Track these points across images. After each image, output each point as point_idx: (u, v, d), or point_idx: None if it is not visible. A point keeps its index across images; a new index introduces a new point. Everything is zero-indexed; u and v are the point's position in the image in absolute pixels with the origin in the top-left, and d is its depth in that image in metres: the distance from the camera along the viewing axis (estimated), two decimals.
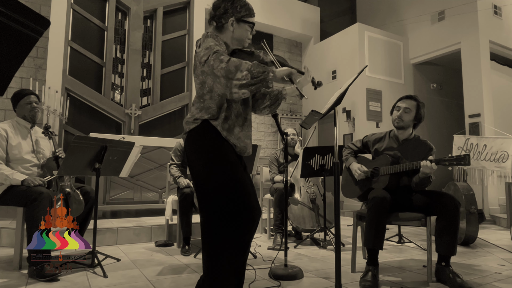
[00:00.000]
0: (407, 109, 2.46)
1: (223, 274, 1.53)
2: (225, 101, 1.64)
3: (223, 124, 1.63)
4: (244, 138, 1.72)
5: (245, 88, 1.50)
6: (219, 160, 1.59)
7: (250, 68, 1.48)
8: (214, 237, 1.54)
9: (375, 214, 2.23)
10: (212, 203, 1.56)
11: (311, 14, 8.07)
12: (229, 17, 1.72)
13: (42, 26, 0.89)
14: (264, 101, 1.92)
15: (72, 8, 5.27)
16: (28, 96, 2.73)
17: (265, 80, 1.51)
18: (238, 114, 1.70)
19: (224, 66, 1.49)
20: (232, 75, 1.48)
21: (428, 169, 2.17)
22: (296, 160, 3.75)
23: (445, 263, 2.19)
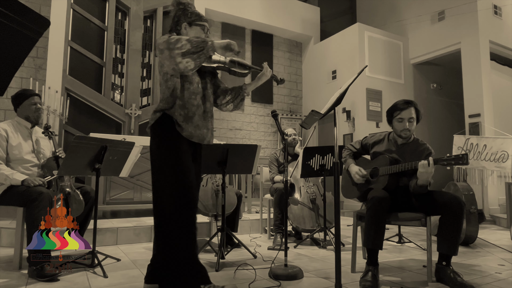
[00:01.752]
0: (411, 119, 2.42)
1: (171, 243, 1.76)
2: (178, 90, 1.85)
3: (179, 110, 1.84)
4: (203, 128, 1.93)
5: (187, 56, 1.70)
6: (169, 155, 1.81)
7: (189, 39, 1.71)
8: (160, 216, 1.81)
9: (374, 214, 2.23)
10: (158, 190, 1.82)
11: (311, 14, 8.07)
12: (182, 23, 1.96)
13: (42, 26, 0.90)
14: (226, 97, 2.13)
15: (72, 8, 5.27)
16: (33, 97, 2.74)
17: (205, 48, 1.71)
18: (198, 105, 1.91)
19: (167, 39, 1.74)
20: (173, 45, 1.71)
21: (422, 167, 2.16)
22: (296, 160, 3.75)
23: (446, 263, 2.19)
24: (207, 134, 1.97)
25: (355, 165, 2.58)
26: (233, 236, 3.21)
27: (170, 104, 1.85)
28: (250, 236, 3.89)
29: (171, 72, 1.83)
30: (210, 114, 2.01)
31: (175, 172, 1.79)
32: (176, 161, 1.81)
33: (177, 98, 1.86)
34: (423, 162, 2.18)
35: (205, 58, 1.74)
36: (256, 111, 7.62)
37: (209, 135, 1.99)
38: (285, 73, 8.08)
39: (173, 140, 1.84)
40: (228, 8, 6.97)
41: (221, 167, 2.78)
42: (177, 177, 1.79)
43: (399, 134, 2.48)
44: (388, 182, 2.39)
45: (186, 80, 1.89)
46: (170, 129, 1.84)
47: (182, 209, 1.77)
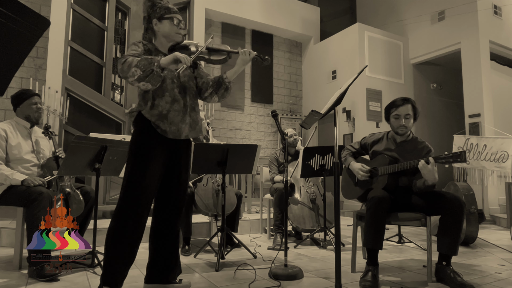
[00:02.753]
0: (407, 116, 2.43)
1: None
2: (149, 91, 1.87)
3: (151, 110, 1.86)
4: (179, 123, 1.91)
5: (141, 80, 1.74)
6: (135, 154, 1.86)
7: (137, 64, 1.72)
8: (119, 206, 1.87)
9: (374, 214, 2.23)
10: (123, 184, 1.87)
11: (311, 14, 8.07)
12: (152, 19, 1.96)
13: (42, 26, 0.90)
14: (208, 89, 2.07)
15: (72, 8, 5.27)
16: (33, 97, 2.74)
17: (154, 70, 1.74)
18: (174, 101, 1.90)
19: (120, 68, 1.76)
20: (125, 73, 1.74)
21: (423, 169, 2.16)
22: (296, 159, 3.75)
23: (446, 263, 2.19)
24: (184, 128, 1.94)
25: (356, 163, 2.58)
26: (233, 236, 3.21)
27: (142, 106, 1.89)
28: (250, 236, 3.89)
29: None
30: (191, 108, 1.99)
31: (134, 172, 1.83)
32: (139, 162, 1.84)
33: (149, 100, 1.87)
34: (422, 163, 2.17)
35: (158, 76, 1.76)
36: (256, 111, 7.62)
37: (187, 129, 1.96)
38: (285, 73, 8.08)
39: (144, 140, 1.87)
40: (228, 8, 6.97)
41: (221, 167, 2.78)
42: (134, 177, 1.82)
43: (395, 131, 2.49)
44: (387, 181, 2.39)
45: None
46: (145, 128, 1.87)
47: (129, 210, 1.81)
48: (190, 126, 1.97)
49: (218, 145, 2.82)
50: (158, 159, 1.89)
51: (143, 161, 1.84)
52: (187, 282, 2.06)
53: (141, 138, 1.88)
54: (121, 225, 1.81)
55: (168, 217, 2.01)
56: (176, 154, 1.98)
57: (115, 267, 1.81)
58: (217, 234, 2.98)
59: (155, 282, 2.01)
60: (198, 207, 3.08)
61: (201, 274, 2.41)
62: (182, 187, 2.03)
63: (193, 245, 3.24)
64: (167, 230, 2.01)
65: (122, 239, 1.81)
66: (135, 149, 1.87)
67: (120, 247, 1.81)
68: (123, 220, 1.82)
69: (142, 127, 1.88)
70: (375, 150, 2.58)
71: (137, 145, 1.87)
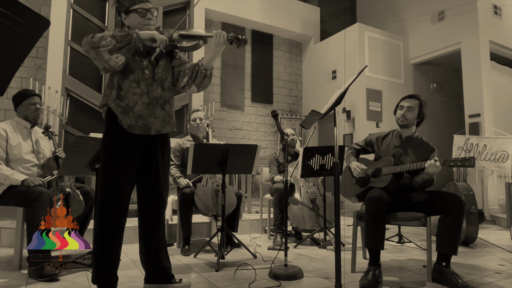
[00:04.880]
0: (410, 108, 2.50)
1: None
2: (115, 80, 1.81)
3: (118, 101, 1.78)
4: (148, 116, 1.81)
5: (115, 52, 1.67)
6: (105, 155, 1.80)
7: (113, 34, 1.67)
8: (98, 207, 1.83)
9: (372, 214, 2.23)
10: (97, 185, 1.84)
11: (311, 14, 8.07)
12: (121, 14, 1.90)
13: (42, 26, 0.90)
14: (183, 78, 1.94)
15: (72, 8, 5.26)
16: (33, 97, 2.74)
17: (131, 41, 1.69)
18: (142, 93, 1.81)
19: (89, 39, 1.71)
20: (97, 43, 1.68)
21: (433, 167, 2.18)
22: (296, 159, 3.75)
23: (445, 263, 2.19)
24: (154, 123, 1.84)
25: (355, 162, 2.62)
26: (233, 236, 3.21)
27: (108, 96, 1.81)
28: (250, 236, 3.89)
29: (103, 71, 1.79)
30: (163, 101, 1.88)
31: (106, 174, 1.78)
32: (108, 164, 1.78)
33: (113, 89, 1.80)
34: (431, 162, 2.19)
35: (133, 50, 1.71)
36: (256, 111, 7.62)
37: (158, 124, 1.85)
38: (285, 73, 8.08)
39: (114, 138, 1.79)
40: (228, 8, 6.97)
41: (221, 167, 2.77)
42: (106, 179, 1.78)
43: (397, 122, 2.56)
44: (389, 182, 2.39)
45: (126, 68, 1.81)
46: (112, 124, 1.79)
47: (104, 212, 1.78)
48: (163, 120, 1.87)
49: (218, 145, 2.82)
50: (130, 158, 1.81)
51: (114, 161, 1.78)
52: (187, 282, 2.05)
53: (111, 136, 1.81)
54: (100, 226, 1.78)
55: (149, 217, 1.95)
56: (150, 152, 1.89)
57: (101, 266, 1.80)
58: (217, 234, 2.98)
59: (154, 282, 2.00)
60: (198, 208, 3.08)
61: (201, 274, 2.41)
62: (161, 186, 1.94)
63: (193, 245, 3.24)
64: (150, 230, 1.95)
65: (102, 239, 1.79)
66: (106, 149, 1.80)
67: (102, 247, 1.79)
68: (100, 221, 1.78)
69: (112, 123, 1.80)
70: (381, 146, 2.62)
71: (107, 144, 1.81)
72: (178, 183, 3.22)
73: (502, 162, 4.82)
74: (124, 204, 1.83)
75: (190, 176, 3.27)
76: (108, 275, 1.81)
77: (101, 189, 1.80)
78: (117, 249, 1.85)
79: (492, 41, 6.33)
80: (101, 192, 1.80)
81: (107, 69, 1.76)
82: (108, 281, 1.81)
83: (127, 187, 1.83)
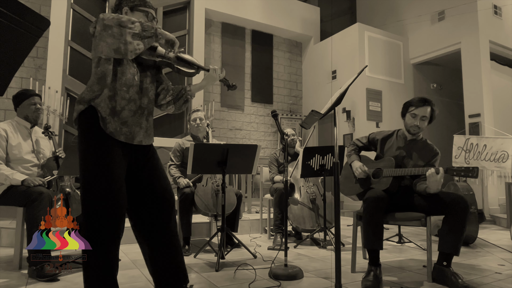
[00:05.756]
0: (424, 117, 2.43)
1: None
2: (109, 79, 1.66)
3: (106, 101, 1.64)
4: (133, 125, 1.70)
5: (138, 38, 1.61)
6: (97, 159, 1.61)
7: (140, 21, 1.64)
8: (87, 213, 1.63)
9: (371, 214, 2.23)
10: (86, 193, 1.61)
11: (311, 14, 8.07)
12: (123, 6, 1.80)
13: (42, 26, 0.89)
14: (166, 96, 1.90)
15: (72, 8, 5.27)
16: (33, 97, 2.74)
17: (155, 33, 1.65)
18: (130, 100, 1.69)
19: (116, 16, 1.61)
20: (125, 23, 1.59)
21: (432, 177, 2.16)
22: (296, 160, 3.75)
23: (446, 263, 2.19)
24: (139, 133, 1.73)
25: (358, 161, 2.59)
26: (233, 236, 3.21)
27: (96, 92, 1.64)
28: (250, 236, 3.89)
29: (108, 53, 1.63)
30: (148, 112, 1.78)
31: (103, 179, 1.58)
32: (99, 163, 1.60)
33: (105, 87, 1.65)
34: (431, 171, 2.17)
35: (152, 43, 1.67)
36: (256, 111, 7.62)
37: (142, 134, 1.74)
38: (285, 73, 8.08)
39: (102, 140, 1.62)
40: (228, 8, 6.97)
41: (221, 167, 2.78)
42: (104, 184, 1.58)
43: (408, 128, 2.50)
44: (390, 184, 2.39)
45: (119, 69, 1.69)
46: (94, 125, 1.62)
47: (106, 218, 1.58)
48: (146, 132, 1.77)
49: (218, 145, 2.82)
50: (120, 159, 1.66)
51: (105, 162, 1.60)
52: None
53: (98, 137, 1.62)
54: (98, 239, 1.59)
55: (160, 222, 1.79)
56: (137, 158, 1.75)
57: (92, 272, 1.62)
58: (217, 234, 2.98)
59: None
60: (198, 208, 3.08)
61: (201, 274, 2.41)
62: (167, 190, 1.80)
63: (193, 245, 3.24)
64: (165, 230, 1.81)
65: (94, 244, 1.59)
66: (94, 153, 1.61)
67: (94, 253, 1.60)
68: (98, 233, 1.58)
69: (94, 125, 1.61)
70: (384, 147, 2.59)
71: (95, 146, 1.61)
72: (178, 183, 3.22)
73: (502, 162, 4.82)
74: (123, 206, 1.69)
75: (190, 176, 3.27)
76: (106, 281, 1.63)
77: (97, 203, 1.58)
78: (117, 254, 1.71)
79: (492, 41, 6.33)
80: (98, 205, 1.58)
81: (119, 52, 1.61)
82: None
83: (125, 191, 1.68)
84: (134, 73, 1.73)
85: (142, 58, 1.76)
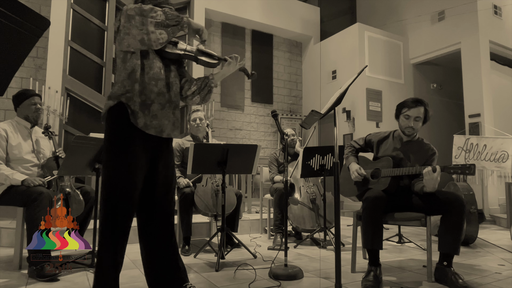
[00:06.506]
0: (417, 118, 2.43)
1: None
2: (138, 73, 1.69)
3: (137, 96, 1.67)
4: (163, 118, 1.74)
5: (161, 27, 1.60)
6: (117, 151, 1.66)
7: (164, 9, 1.61)
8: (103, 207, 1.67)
9: (369, 214, 2.23)
10: (103, 187, 1.67)
11: (311, 14, 8.07)
12: (146, 3, 1.76)
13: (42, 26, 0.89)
14: (191, 87, 1.92)
15: (72, 8, 5.27)
16: (33, 97, 2.74)
17: (180, 22, 1.64)
18: (159, 93, 1.73)
19: (138, 6, 1.60)
20: (147, 12, 1.58)
21: (428, 175, 2.16)
22: (296, 160, 3.75)
23: (447, 263, 2.19)
24: (167, 126, 1.77)
25: (356, 164, 2.59)
26: (233, 236, 3.21)
27: (126, 87, 1.67)
28: (250, 236, 3.89)
29: (135, 45, 1.66)
30: (174, 105, 1.82)
31: (120, 172, 1.64)
32: (122, 160, 1.65)
33: (136, 82, 1.67)
34: (428, 169, 2.17)
35: (178, 32, 1.66)
36: (256, 111, 7.62)
37: (170, 127, 1.79)
38: (285, 73, 8.08)
39: (125, 135, 1.66)
40: (228, 8, 6.97)
41: (221, 167, 2.78)
42: (120, 177, 1.64)
43: (403, 130, 2.50)
44: (389, 184, 2.39)
45: (146, 63, 1.72)
46: (124, 120, 1.66)
47: (117, 211, 1.64)
48: (173, 125, 1.82)
49: (218, 145, 2.82)
50: (142, 156, 1.71)
51: (124, 157, 1.65)
52: None
53: (120, 131, 1.67)
54: (111, 226, 1.65)
55: (157, 219, 1.83)
56: (157, 152, 1.80)
57: (105, 270, 1.67)
58: (217, 234, 2.98)
59: None
60: (198, 208, 3.08)
61: (201, 274, 2.41)
62: (167, 187, 1.84)
63: (193, 245, 3.24)
64: (159, 231, 1.83)
65: (110, 244, 1.65)
66: (115, 146, 1.66)
67: (104, 250, 1.66)
68: (112, 221, 1.64)
69: (121, 120, 1.67)
70: (380, 148, 2.59)
71: (115, 139, 1.67)
72: (178, 183, 3.22)
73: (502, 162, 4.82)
74: (136, 207, 1.76)
75: (190, 176, 3.27)
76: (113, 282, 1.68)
77: (114, 188, 1.64)
78: (123, 251, 1.74)
79: (492, 41, 6.33)
80: (115, 190, 1.64)
81: (144, 43, 1.64)
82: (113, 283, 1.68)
83: (140, 187, 1.74)
84: (160, 67, 1.77)
85: (166, 52, 1.78)
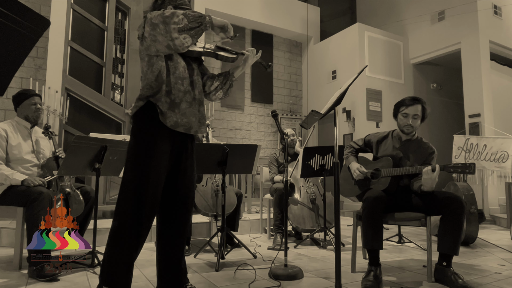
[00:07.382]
0: (415, 116, 2.42)
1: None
2: (164, 75, 1.74)
3: (165, 97, 1.73)
4: (190, 115, 1.80)
5: (184, 32, 1.63)
6: (141, 148, 1.71)
7: (185, 12, 1.63)
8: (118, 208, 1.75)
9: (370, 214, 2.23)
10: (122, 182, 1.72)
11: (311, 14, 8.07)
12: (167, 5, 1.82)
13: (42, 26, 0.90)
14: (214, 82, 1.98)
15: (72, 8, 5.27)
16: (33, 97, 2.74)
17: (203, 23, 1.66)
18: (186, 91, 1.80)
19: (161, 13, 1.64)
20: (169, 19, 1.61)
21: (427, 174, 2.17)
22: (295, 160, 3.75)
23: (446, 263, 2.19)
24: (195, 122, 1.83)
25: (356, 163, 2.59)
26: (233, 236, 3.21)
27: (155, 89, 1.73)
28: (250, 236, 3.89)
29: (164, 50, 1.69)
30: (199, 102, 1.88)
31: (141, 168, 1.68)
32: (145, 157, 1.69)
33: (163, 83, 1.73)
34: (427, 168, 2.17)
35: (201, 33, 1.69)
36: (256, 111, 7.62)
37: (197, 124, 1.84)
38: (285, 73, 8.08)
39: (151, 132, 1.71)
40: (228, 8, 6.97)
41: (221, 167, 2.78)
42: (141, 173, 1.68)
43: (401, 129, 2.49)
44: (389, 184, 2.39)
45: (171, 64, 1.77)
46: (152, 120, 1.71)
47: (135, 209, 1.67)
48: (199, 121, 1.87)
49: (218, 145, 2.82)
50: (166, 153, 1.75)
51: (151, 155, 1.69)
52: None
53: (148, 130, 1.72)
54: (124, 225, 1.68)
55: (176, 217, 1.86)
56: (182, 149, 1.84)
57: (116, 267, 1.71)
58: (217, 234, 2.98)
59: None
60: (198, 208, 3.08)
61: (201, 274, 2.41)
62: (190, 184, 1.88)
63: (193, 245, 3.24)
64: (174, 231, 1.86)
65: (124, 240, 1.68)
66: (141, 142, 1.70)
67: (122, 248, 1.69)
68: (137, 216, 1.67)
69: (149, 119, 1.72)
70: (380, 148, 2.59)
71: (143, 138, 1.71)
72: None
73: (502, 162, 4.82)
74: (158, 205, 1.78)
75: None
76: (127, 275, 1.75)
77: (136, 187, 1.67)
78: (139, 251, 1.79)
79: (492, 41, 6.33)
80: (136, 190, 1.67)
81: (171, 48, 1.67)
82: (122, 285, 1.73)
83: (162, 185, 1.77)
84: (184, 66, 1.83)
85: (188, 50, 1.81)
